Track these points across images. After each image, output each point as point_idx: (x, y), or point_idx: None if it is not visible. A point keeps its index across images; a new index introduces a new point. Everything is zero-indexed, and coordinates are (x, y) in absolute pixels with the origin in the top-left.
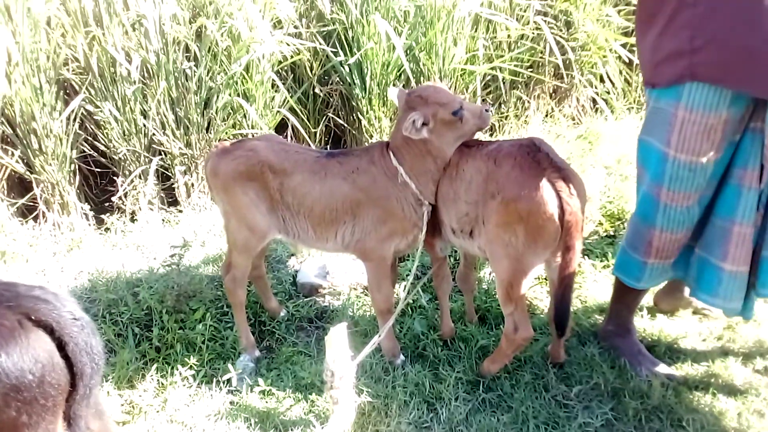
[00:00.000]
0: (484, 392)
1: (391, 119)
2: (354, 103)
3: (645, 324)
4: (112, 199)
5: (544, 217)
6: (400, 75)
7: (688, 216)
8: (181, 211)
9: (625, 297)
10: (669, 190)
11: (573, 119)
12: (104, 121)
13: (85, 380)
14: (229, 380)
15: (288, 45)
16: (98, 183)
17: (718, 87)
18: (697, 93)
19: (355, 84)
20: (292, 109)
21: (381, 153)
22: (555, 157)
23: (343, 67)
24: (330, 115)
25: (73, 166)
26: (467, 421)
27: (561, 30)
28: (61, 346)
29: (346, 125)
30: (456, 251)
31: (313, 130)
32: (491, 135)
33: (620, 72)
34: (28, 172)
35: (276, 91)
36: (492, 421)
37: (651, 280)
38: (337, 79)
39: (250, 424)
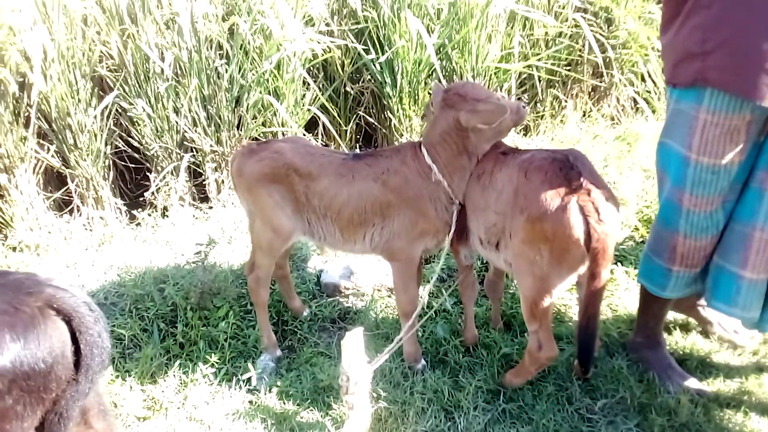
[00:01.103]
0: (505, 402)
1: (422, 118)
2: (385, 102)
3: (677, 337)
4: (145, 194)
5: (570, 241)
6: (432, 73)
7: (712, 221)
8: (211, 208)
9: (651, 306)
10: (692, 195)
11: (612, 119)
12: (137, 118)
13: (88, 375)
14: (248, 379)
15: (319, 43)
16: (133, 178)
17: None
18: (719, 95)
19: (386, 82)
20: (322, 107)
21: (414, 153)
22: (588, 176)
23: (375, 65)
24: (361, 113)
25: (107, 161)
26: (485, 431)
27: (601, 27)
28: (73, 340)
29: (376, 124)
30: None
31: (343, 128)
32: (525, 134)
33: (662, 71)
34: (63, 167)
35: (307, 88)
36: None
37: (677, 289)
38: (369, 77)
39: (267, 425)
